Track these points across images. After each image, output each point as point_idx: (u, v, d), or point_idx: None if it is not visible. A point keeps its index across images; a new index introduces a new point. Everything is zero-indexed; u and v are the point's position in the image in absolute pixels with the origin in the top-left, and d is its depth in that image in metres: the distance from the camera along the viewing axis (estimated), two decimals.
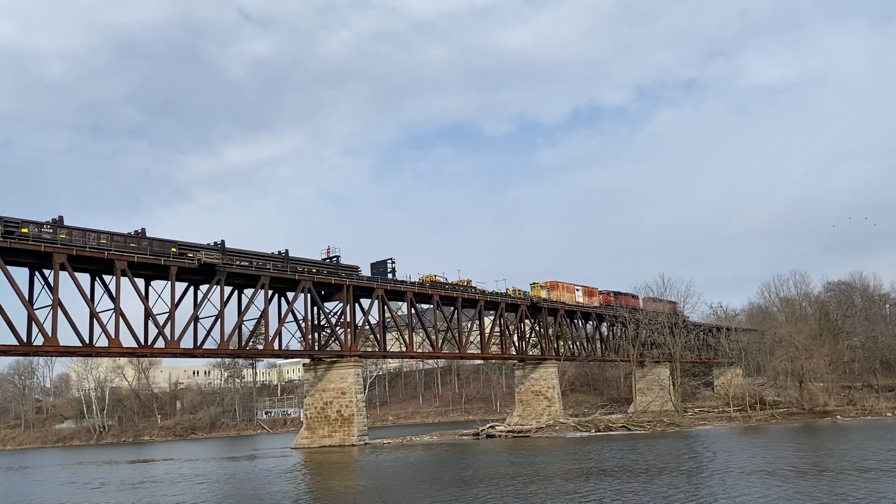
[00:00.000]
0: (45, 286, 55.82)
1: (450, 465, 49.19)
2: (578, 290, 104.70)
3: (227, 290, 66.79)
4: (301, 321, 73.48)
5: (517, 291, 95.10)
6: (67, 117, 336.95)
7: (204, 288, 65.26)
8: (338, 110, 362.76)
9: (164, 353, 67.09)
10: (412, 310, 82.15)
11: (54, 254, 54.05)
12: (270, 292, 70.23)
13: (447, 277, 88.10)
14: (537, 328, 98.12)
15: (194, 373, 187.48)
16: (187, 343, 63.46)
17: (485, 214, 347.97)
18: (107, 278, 59.70)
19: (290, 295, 72.32)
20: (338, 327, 75.74)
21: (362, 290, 77.48)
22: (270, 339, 69.72)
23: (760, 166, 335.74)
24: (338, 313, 76.36)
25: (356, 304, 77.55)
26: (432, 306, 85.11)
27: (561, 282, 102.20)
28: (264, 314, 69.33)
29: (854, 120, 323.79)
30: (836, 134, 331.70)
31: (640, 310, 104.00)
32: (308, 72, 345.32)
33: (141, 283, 61.83)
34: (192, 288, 66.20)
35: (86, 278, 59.02)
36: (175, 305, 62.10)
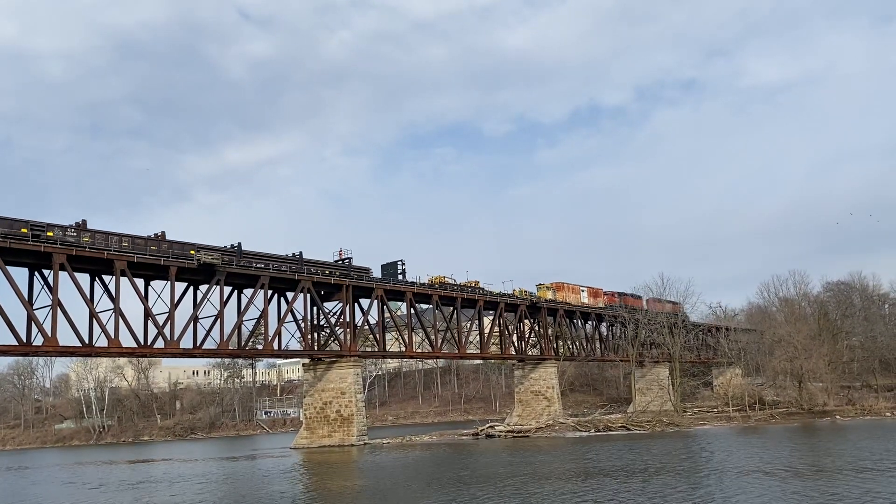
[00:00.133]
0: (45, 286, 55.92)
1: (449, 465, 49.25)
2: (583, 290, 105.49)
3: (227, 290, 66.94)
4: (300, 321, 73.60)
5: (524, 292, 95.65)
6: (67, 117, 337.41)
7: (203, 288, 65.40)
8: (338, 110, 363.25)
9: (163, 353, 67.17)
10: (412, 310, 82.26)
11: (54, 254, 54.08)
12: (270, 292, 70.37)
13: (455, 279, 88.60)
14: (537, 328, 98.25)
15: (194, 373, 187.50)
16: (187, 343, 63.65)
17: (485, 214, 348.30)
18: (106, 278, 59.81)
19: (290, 295, 72.43)
20: (337, 327, 75.86)
21: (362, 291, 77.59)
22: (270, 339, 69.82)
23: (760, 166, 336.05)
24: (337, 313, 76.52)
25: (356, 305, 77.74)
26: (432, 306, 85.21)
27: (566, 283, 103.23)
28: (264, 314, 69.48)
29: (854, 120, 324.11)
30: (836, 134, 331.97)
31: (644, 310, 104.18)
32: (308, 72, 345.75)
33: (140, 283, 61.96)
34: (191, 288, 66.34)
35: (85, 278, 59.21)
36: (175, 305, 62.25)
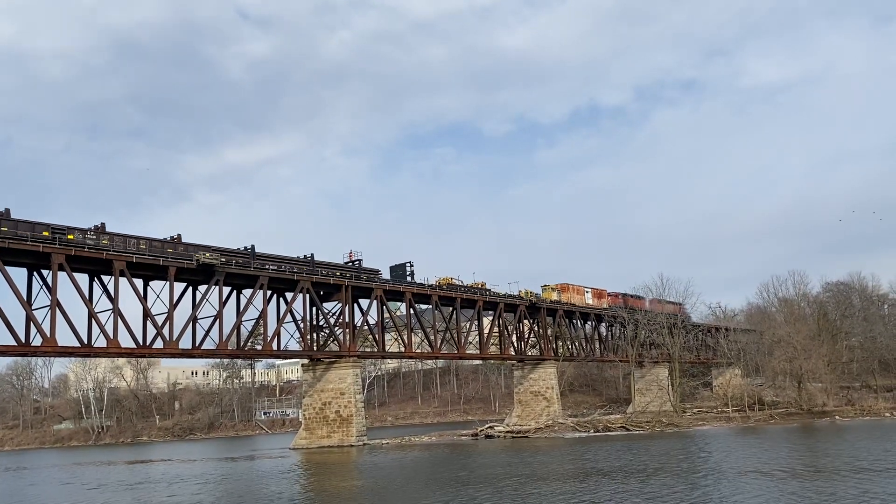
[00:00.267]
0: (44, 286, 55.85)
1: (448, 465, 49.21)
2: (588, 291, 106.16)
3: (226, 290, 66.90)
4: (300, 321, 73.57)
5: (529, 293, 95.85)
6: (67, 117, 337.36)
7: (202, 288, 65.35)
8: (338, 110, 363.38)
9: (162, 353, 67.09)
10: (411, 310, 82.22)
11: (53, 254, 54.03)
12: (269, 292, 70.34)
13: (462, 280, 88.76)
14: (536, 328, 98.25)
15: (193, 373, 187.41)
16: (186, 343, 63.59)
17: (484, 215, 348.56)
18: (105, 279, 59.75)
19: (289, 295, 72.40)
20: (336, 328, 75.83)
21: (361, 291, 77.55)
22: (269, 339, 69.79)
23: (759, 166, 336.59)
24: (336, 314, 76.48)
25: (355, 305, 77.69)
26: (431, 307, 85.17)
27: (571, 284, 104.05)
28: (263, 314, 69.49)
29: (853, 120, 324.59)
30: (836, 134, 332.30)
31: (647, 311, 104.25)
32: (308, 72, 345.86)
33: (139, 283, 61.90)
34: (190, 288, 66.28)
35: (84, 279, 59.16)
36: (174, 306, 62.24)
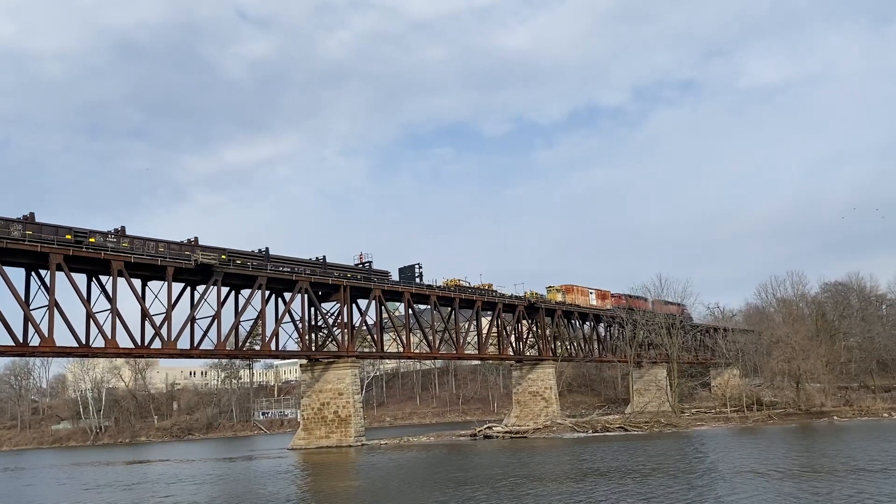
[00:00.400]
0: (42, 287, 55.79)
1: (446, 465, 49.23)
2: (592, 293, 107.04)
3: (224, 290, 66.84)
4: (298, 322, 73.52)
5: (534, 294, 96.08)
6: (66, 118, 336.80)
7: (201, 288, 65.29)
8: (337, 110, 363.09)
9: (160, 353, 66.95)
10: (409, 310, 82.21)
11: (51, 254, 53.97)
12: (267, 293, 70.29)
13: (469, 281, 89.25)
14: (535, 329, 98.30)
15: (191, 373, 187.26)
16: (184, 344, 63.55)
17: (483, 214, 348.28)
18: (103, 279, 59.70)
19: (287, 295, 72.35)
20: (335, 328, 75.81)
21: (359, 291, 77.52)
22: (267, 339, 69.75)
23: (758, 167, 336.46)
24: (335, 314, 76.46)
25: (353, 305, 77.64)
26: (429, 307, 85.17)
27: (575, 285, 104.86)
28: (261, 315, 69.44)
29: (852, 120, 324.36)
30: (834, 134, 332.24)
31: (648, 311, 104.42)
32: (307, 72, 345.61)
33: (137, 283, 61.83)
34: (188, 288, 66.21)
35: (82, 279, 59.09)
36: (172, 306, 62.15)
